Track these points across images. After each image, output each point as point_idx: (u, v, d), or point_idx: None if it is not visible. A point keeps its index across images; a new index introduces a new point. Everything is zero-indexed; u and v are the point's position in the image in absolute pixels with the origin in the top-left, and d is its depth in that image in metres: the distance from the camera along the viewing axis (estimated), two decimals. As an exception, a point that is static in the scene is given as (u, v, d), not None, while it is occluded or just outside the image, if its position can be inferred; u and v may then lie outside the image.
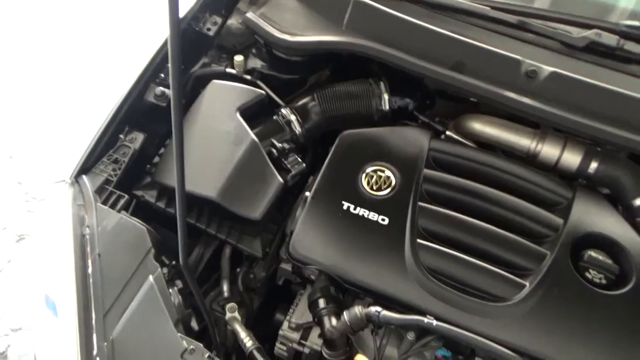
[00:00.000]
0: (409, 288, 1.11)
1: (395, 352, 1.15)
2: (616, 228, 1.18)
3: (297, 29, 1.45)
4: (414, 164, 1.27)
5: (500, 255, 1.15)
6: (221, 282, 1.39)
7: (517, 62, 1.26)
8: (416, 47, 1.33)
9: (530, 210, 1.20)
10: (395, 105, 1.41)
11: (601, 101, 1.23)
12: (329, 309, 1.13)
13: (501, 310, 1.08)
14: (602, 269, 1.12)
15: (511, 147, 1.36)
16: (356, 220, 1.19)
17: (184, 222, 0.90)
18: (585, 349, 1.05)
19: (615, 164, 1.26)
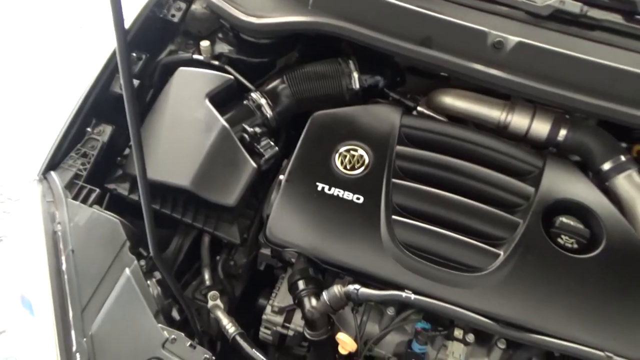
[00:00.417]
0: (386, 264, 1.12)
1: (376, 327, 1.16)
2: (586, 193, 1.21)
3: (263, 10, 1.42)
4: (386, 142, 1.27)
5: (474, 226, 1.16)
6: (202, 270, 1.39)
7: (484, 34, 1.26)
8: (383, 23, 1.32)
9: (502, 181, 1.22)
10: (366, 83, 1.40)
11: (567, 69, 1.24)
12: (308, 290, 1.14)
13: (477, 280, 1.10)
14: (573, 234, 1.14)
15: (482, 119, 1.37)
16: (331, 201, 1.19)
17: (150, 213, 0.89)
18: (560, 312, 1.08)
19: (583, 130, 1.28)
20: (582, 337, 1.05)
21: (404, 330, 1.17)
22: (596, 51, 1.27)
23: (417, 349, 1.11)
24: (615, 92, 1.22)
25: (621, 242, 1.14)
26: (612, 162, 1.23)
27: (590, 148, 1.26)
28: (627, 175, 1.22)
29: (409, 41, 1.30)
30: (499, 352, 1.14)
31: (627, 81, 1.21)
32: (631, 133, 1.44)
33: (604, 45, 1.30)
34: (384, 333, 1.13)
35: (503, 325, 1.06)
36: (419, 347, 1.11)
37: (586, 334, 1.05)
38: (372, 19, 1.32)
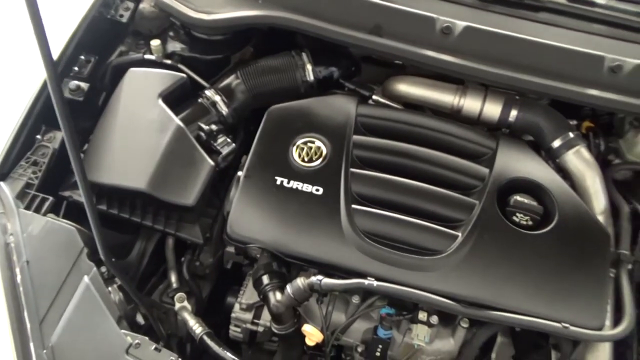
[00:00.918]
0: (348, 253, 1.13)
1: (342, 316, 1.18)
2: (538, 171, 1.24)
3: (214, 6, 1.40)
4: (343, 132, 1.28)
5: (432, 210, 1.18)
6: (168, 273, 1.37)
7: (432, 20, 1.28)
8: (333, 14, 1.32)
9: (457, 164, 1.24)
10: (320, 75, 1.40)
11: (515, 51, 1.26)
12: (272, 285, 1.14)
13: (437, 262, 1.12)
14: (527, 211, 1.17)
15: (436, 104, 1.39)
16: (291, 194, 1.19)
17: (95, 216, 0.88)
18: (518, 287, 1.11)
19: (533, 110, 1.31)
20: (539, 311, 1.08)
21: (370, 317, 1.19)
22: (541, 32, 1.30)
23: (382, 334, 1.13)
24: (562, 71, 1.25)
25: (573, 216, 1.17)
26: (561, 139, 1.27)
27: (540, 127, 1.30)
28: (576, 151, 1.26)
29: (360, 30, 1.31)
30: (462, 332, 1.16)
31: (572, 60, 1.25)
32: (580, 110, 1.49)
33: (549, 25, 1.34)
34: (350, 322, 1.14)
35: (464, 305, 1.08)
36: (384, 333, 1.12)
37: (543, 307, 1.09)
38: (322, 10, 1.32)
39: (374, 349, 1.14)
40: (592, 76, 1.24)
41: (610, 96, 1.24)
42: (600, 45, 1.27)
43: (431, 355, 1.18)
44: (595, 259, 1.13)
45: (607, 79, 1.23)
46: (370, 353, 1.15)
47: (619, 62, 1.22)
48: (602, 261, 1.13)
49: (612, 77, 1.23)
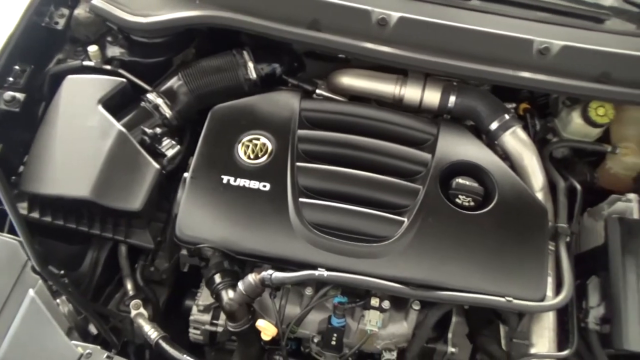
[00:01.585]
0: (297, 246, 1.14)
1: (297, 309, 1.19)
2: (477, 153, 1.28)
3: (150, 9, 1.39)
4: (288, 127, 1.29)
5: (378, 197, 1.21)
6: (124, 281, 1.36)
7: (367, 13, 1.30)
8: (271, 11, 1.33)
9: (400, 151, 1.27)
10: (263, 72, 1.41)
11: (448, 38, 1.30)
12: (225, 283, 1.14)
13: (385, 248, 1.14)
14: (469, 192, 1.21)
15: (379, 95, 1.42)
16: (238, 192, 1.20)
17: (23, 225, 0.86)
18: (463, 267, 1.14)
19: (470, 95, 1.36)
20: (484, 287, 1.12)
21: (325, 307, 1.20)
22: (473, 19, 1.34)
23: (336, 323, 1.14)
24: (494, 56, 1.30)
25: (511, 194, 1.22)
26: (498, 122, 1.31)
27: (477, 111, 1.34)
28: (512, 132, 1.31)
29: (298, 26, 1.32)
30: (414, 314, 1.19)
31: (503, 45, 1.29)
32: (519, 93, 1.55)
33: (480, 13, 1.38)
34: (303, 313, 1.15)
35: (413, 287, 1.11)
36: (337, 321, 1.14)
37: (488, 283, 1.13)
38: (260, 8, 1.33)
39: (330, 338, 1.16)
40: (523, 59, 1.29)
41: (541, 77, 1.30)
42: (529, 29, 1.32)
43: (386, 339, 1.21)
44: (534, 234, 1.18)
45: (537, 61, 1.28)
46: (326, 342, 1.17)
47: (547, 45, 1.27)
48: (541, 235, 1.18)
49: (541, 59, 1.28)
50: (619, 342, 1.10)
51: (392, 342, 1.21)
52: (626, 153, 1.38)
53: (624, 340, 1.10)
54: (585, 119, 1.37)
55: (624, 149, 1.38)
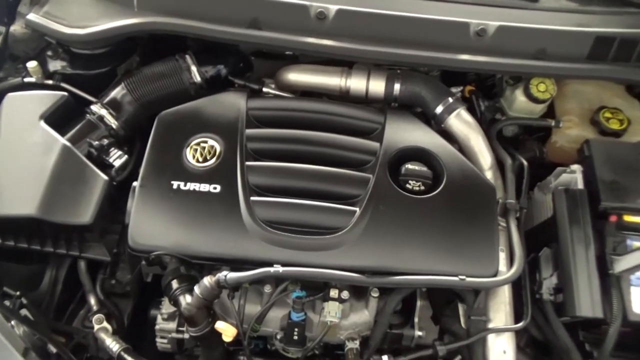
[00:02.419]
0: (252, 245, 1.14)
1: (257, 307, 1.18)
2: (424, 138, 1.30)
3: (88, 20, 1.38)
4: (235, 127, 1.29)
5: (329, 189, 1.21)
6: (87, 297, 1.34)
7: (305, 7, 1.30)
8: (209, 13, 1.33)
9: (349, 142, 1.28)
10: (207, 75, 1.40)
11: (387, 27, 1.31)
12: (182, 288, 1.14)
13: (338, 239, 1.15)
14: (418, 177, 1.23)
15: (325, 88, 1.43)
16: (189, 196, 1.19)
17: None
18: (416, 250, 1.16)
19: (414, 81, 1.37)
20: (438, 268, 1.14)
21: (286, 303, 1.20)
22: (410, 6, 1.35)
23: (295, 317, 1.15)
24: (433, 41, 1.31)
25: (459, 175, 1.24)
26: (442, 105, 1.33)
27: (422, 96, 1.36)
28: (457, 114, 1.32)
29: (238, 26, 1.32)
30: (374, 301, 1.20)
31: (441, 29, 1.31)
32: (466, 76, 1.58)
33: (417, 0, 1.40)
34: (263, 311, 1.15)
35: (368, 275, 1.12)
36: (297, 316, 1.15)
37: (441, 264, 1.14)
38: (198, 10, 1.33)
39: (291, 333, 1.16)
40: (461, 42, 1.31)
41: (480, 59, 1.32)
42: (465, 12, 1.34)
43: (349, 329, 1.22)
44: (483, 212, 1.20)
45: (475, 43, 1.30)
46: (288, 338, 1.17)
47: (483, 26, 1.30)
48: (490, 213, 1.20)
49: (479, 41, 1.30)
50: (572, 310, 1.13)
51: (355, 332, 1.22)
52: (569, 126, 1.41)
53: (577, 307, 1.12)
54: (528, 96, 1.40)
55: (567, 122, 1.41)
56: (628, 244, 1.20)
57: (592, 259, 1.17)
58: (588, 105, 1.43)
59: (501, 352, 1.15)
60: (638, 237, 1.21)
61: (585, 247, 1.18)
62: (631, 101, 1.46)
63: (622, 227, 1.22)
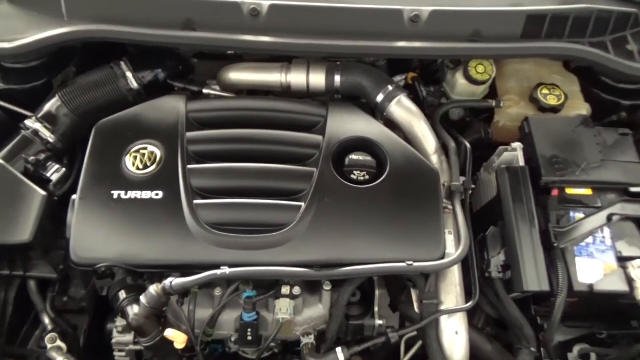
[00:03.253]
0: (198, 249, 1.13)
1: (208, 312, 1.17)
2: (367, 127, 1.30)
3: (15, 33, 1.34)
4: (175, 131, 1.27)
5: (274, 186, 1.20)
6: (40, 317, 1.31)
7: (238, 5, 1.29)
8: (141, 17, 1.30)
9: (291, 137, 1.27)
10: (145, 80, 1.38)
11: (322, 19, 1.31)
12: (129, 299, 1.12)
13: (285, 235, 1.14)
14: (362, 167, 1.23)
15: (267, 85, 1.41)
16: (130, 205, 1.17)
17: None
18: (364, 239, 1.16)
19: (354, 72, 1.37)
20: (386, 256, 1.14)
21: (240, 305, 1.19)
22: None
23: (246, 318, 1.14)
24: (369, 30, 1.31)
25: (402, 162, 1.24)
26: (383, 94, 1.33)
27: (363, 86, 1.36)
28: (398, 101, 1.33)
29: (172, 28, 1.30)
30: (327, 295, 1.20)
31: (376, 18, 1.31)
32: (411, 64, 1.58)
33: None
34: (214, 315, 1.14)
35: (318, 269, 1.12)
36: (248, 316, 1.14)
37: (389, 252, 1.15)
38: (130, 15, 1.31)
39: (245, 334, 1.15)
40: (397, 30, 1.31)
41: (417, 45, 1.32)
42: (399, 0, 1.35)
43: (304, 325, 1.21)
44: (428, 196, 1.21)
45: (410, 29, 1.31)
46: (242, 339, 1.16)
47: (416, 12, 1.30)
48: (435, 196, 1.21)
49: (414, 27, 1.31)
50: (520, 285, 1.14)
51: (311, 326, 1.22)
52: (510, 105, 1.43)
53: (524, 283, 1.14)
54: (468, 78, 1.41)
55: (508, 102, 1.43)
56: (571, 216, 1.23)
57: (536, 234, 1.19)
58: (527, 83, 1.45)
59: (454, 333, 1.16)
60: (580, 208, 1.24)
61: (530, 223, 1.20)
62: (568, 77, 1.48)
63: (564, 200, 1.24)
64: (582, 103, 1.44)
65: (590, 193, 1.25)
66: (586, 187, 1.25)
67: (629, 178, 1.26)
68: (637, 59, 1.39)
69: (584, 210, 1.24)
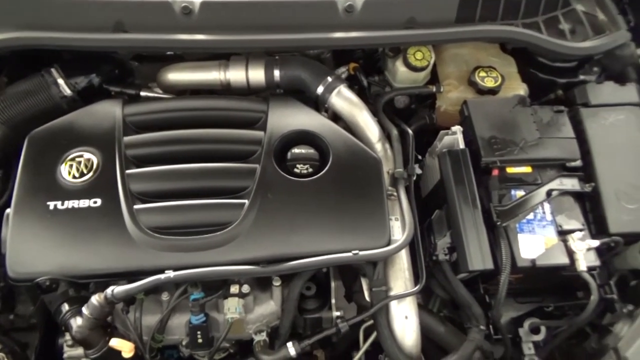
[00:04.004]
0: (141, 255, 1.11)
1: (155, 317, 1.15)
2: (308, 120, 1.30)
3: (-63, 45, 1.28)
4: (112, 136, 1.24)
5: (216, 185, 1.19)
6: None
7: (169, 4, 1.27)
8: (70, 21, 1.27)
9: (232, 135, 1.26)
10: (79, 86, 1.34)
11: (255, 14, 1.29)
12: (71, 311, 1.09)
13: (229, 234, 1.13)
14: (305, 160, 1.23)
15: (207, 84, 1.39)
16: (67, 215, 1.14)
17: None
18: (309, 232, 1.16)
19: (292, 65, 1.36)
20: (333, 247, 1.14)
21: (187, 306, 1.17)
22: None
23: (194, 320, 1.12)
24: (304, 23, 1.31)
25: (345, 152, 1.24)
26: (322, 85, 1.33)
27: (303, 79, 1.35)
28: (338, 92, 1.32)
29: (102, 31, 1.27)
30: (278, 290, 1.20)
31: (310, 10, 1.30)
32: (354, 54, 1.59)
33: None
34: (162, 320, 1.12)
35: (264, 265, 1.11)
36: (196, 318, 1.12)
37: (335, 243, 1.15)
38: (56, 20, 1.27)
39: (195, 337, 1.14)
40: (332, 21, 1.31)
41: (354, 34, 1.33)
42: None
43: (257, 322, 1.21)
44: (371, 184, 1.22)
45: (345, 20, 1.31)
46: (192, 342, 1.14)
47: (350, 2, 1.30)
48: (378, 184, 1.22)
49: (349, 17, 1.31)
50: (465, 265, 1.16)
51: (264, 323, 1.22)
52: (449, 89, 1.45)
53: (469, 262, 1.16)
54: (407, 65, 1.42)
55: (447, 86, 1.45)
56: (512, 194, 1.25)
57: (479, 215, 1.21)
58: (466, 67, 1.47)
59: (403, 318, 1.17)
60: (521, 186, 1.27)
61: (472, 204, 1.22)
62: (505, 58, 1.51)
63: (505, 179, 1.27)
64: (520, 83, 1.46)
65: (530, 170, 1.28)
66: (525, 165, 1.28)
67: (565, 153, 1.29)
68: (568, 37, 1.42)
69: (524, 187, 1.26)
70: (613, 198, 1.27)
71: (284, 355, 1.13)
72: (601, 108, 1.38)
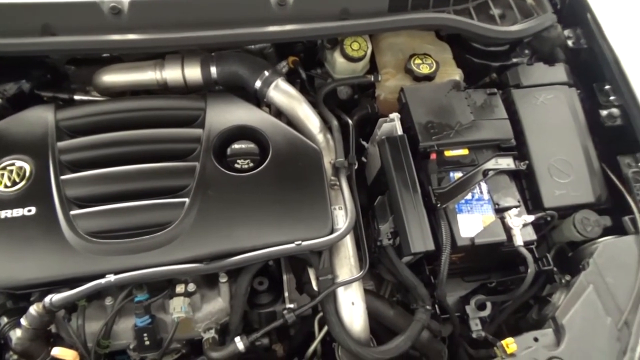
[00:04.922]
0: (80, 261, 1.09)
1: (99, 323, 1.13)
2: (246, 115, 1.30)
3: None
4: (45, 143, 1.21)
5: (155, 186, 1.18)
6: None
7: (97, 5, 1.24)
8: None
9: (170, 134, 1.25)
10: (8, 93, 1.30)
11: (186, 12, 1.28)
12: (10, 324, 1.06)
13: (170, 233, 1.12)
14: (245, 155, 1.23)
15: (142, 85, 1.37)
16: (1, 225, 1.10)
17: None
18: (251, 226, 1.16)
19: (228, 61, 1.36)
20: (276, 240, 1.14)
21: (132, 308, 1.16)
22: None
23: (139, 322, 1.11)
24: (238, 18, 1.30)
25: (284, 145, 1.25)
26: (260, 80, 1.33)
27: (240, 75, 1.35)
28: (275, 85, 1.33)
29: (29, 35, 1.23)
30: (225, 286, 1.20)
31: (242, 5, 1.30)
32: (294, 48, 1.59)
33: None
34: (106, 325, 1.10)
35: (207, 262, 1.11)
36: (141, 321, 1.11)
37: (279, 235, 1.15)
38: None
39: (141, 340, 1.12)
40: (265, 15, 1.31)
41: (289, 27, 1.33)
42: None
43: (206, 320, 1.20)
44: (312, 175, 1.23)
45: (278, 13, 1.31)
46: (140, 345, 1.13)
47: (280, -5, 1.31)
48: (318, 175, 1.23)
49: (282, 11, 1.31)
50: (407, 248, 1.19)
51: (213, 321, 1.21)
52: (387, 78, 1.47)
53: (410, 245, 1.18)
54: (345, 56, 1.44)
55: (385, 75, 1.47)
56: (451, 177, 1.29)
57: (418, 198, 1.23)
58: (402, 55, 1.49)
59: (350, 304, 1.18)
60: (459, 168, 1.30)
61: (412, 188, 1.24)
62: (440, 45, 1.55)
63: (443, 162, 1.30)
64: (455, 69, 1.50)
65: (467, 153, 1.32)
66: (461, 147, 1.32)
67: (499, 134, 1.33)
68: (498, 22, 1.47)
69: (462, 169, 1.30)
70: (546, 174, 1.32)
71: (232, 350, 1.13)
72: (532, 89, 1.43)
